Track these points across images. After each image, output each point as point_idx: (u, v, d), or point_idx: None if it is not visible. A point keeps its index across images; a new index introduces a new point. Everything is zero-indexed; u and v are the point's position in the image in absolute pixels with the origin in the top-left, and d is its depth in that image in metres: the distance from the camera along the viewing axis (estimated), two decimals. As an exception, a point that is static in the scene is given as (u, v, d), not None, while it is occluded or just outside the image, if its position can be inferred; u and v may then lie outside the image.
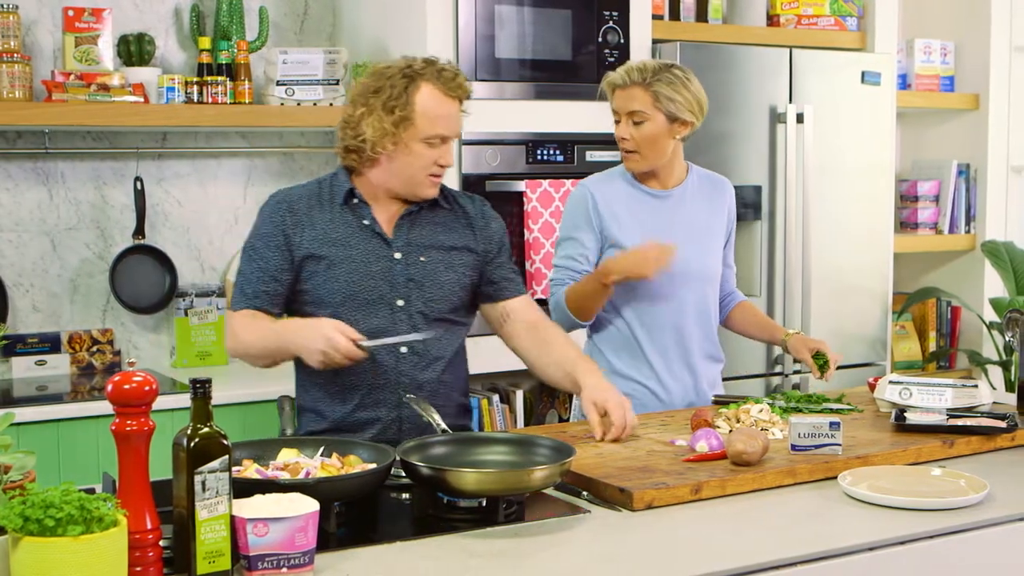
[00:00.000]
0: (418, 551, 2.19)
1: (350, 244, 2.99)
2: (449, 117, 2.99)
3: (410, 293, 3.01)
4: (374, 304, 2.98)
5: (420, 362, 3.02)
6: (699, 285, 3.46)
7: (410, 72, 2.97)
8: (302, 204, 3.02)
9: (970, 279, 5.76)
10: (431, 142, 2.97)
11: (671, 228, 3.42)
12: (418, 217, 3.07)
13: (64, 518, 1.80)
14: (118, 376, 1.96)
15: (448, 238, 3.09)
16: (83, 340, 4.33)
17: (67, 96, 4.02)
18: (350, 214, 3.02)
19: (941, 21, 5.84)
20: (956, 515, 2.42)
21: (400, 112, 2.93)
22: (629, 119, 3.36)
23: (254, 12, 4.56)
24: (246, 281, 3.00)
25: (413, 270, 3.01)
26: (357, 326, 2.89)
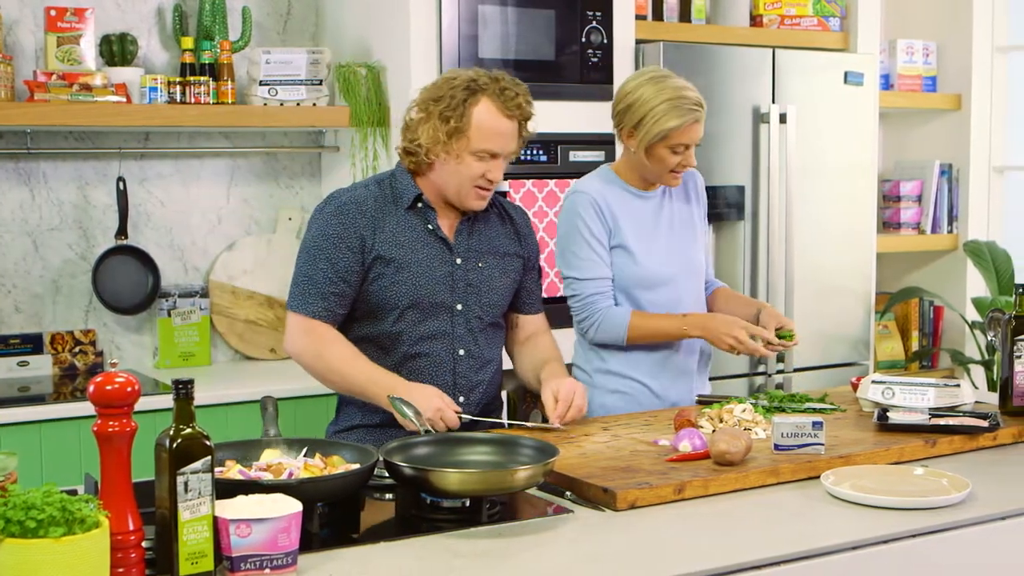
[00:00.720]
0: (401, 551, 2.19)
1: (416, 248, 3.06)
2: (502, 135, 3.04)
3: (468, 298, 3.11)
4: (436, 308, 3.07)
5: (475, 364, 3.13)
6: (691, 280, 3.51)
7: (473, 85, 3.03)
8: (369, 205, 3.07)
9: (952, 279, 5.78)
10: (480, 156, 3.02)
11: (660, 226, 3.47)
12: (476, 223, 3.16)
13: (46, 519, 1.79)
14: (100, 377, 1.96)
15: (502, 244, 3.20)
16: (65, 341, 4.31)
17: (49, 96, 4.00)
18: (416, 218, 3.09)
19: (923, 22, 5.85)
20: (938, 514, 2.43)
21: (455, 123, 3.00)
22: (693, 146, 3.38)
23: (237, 12, 4.55)
24: (313, 283, 3.03)
25: (472, 276, 3.12)
26: (417, 328, 3.04)
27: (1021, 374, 3.13)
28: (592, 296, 3.40)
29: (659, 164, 3.36)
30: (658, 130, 3.29)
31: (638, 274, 3.41)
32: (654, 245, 3.44)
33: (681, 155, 3.35)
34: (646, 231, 3.44)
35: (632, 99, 3.35)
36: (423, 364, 3.07)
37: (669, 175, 3.40)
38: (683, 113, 3.29)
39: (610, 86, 4.60)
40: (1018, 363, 3.13)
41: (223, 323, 4.57)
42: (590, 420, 3.23)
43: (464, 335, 3.11)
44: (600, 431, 3.03)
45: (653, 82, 3.34)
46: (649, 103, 3.31)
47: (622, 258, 3.41)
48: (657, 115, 3.29)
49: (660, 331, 3.39)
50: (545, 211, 4.43)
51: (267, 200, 4.69)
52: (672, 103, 3.29)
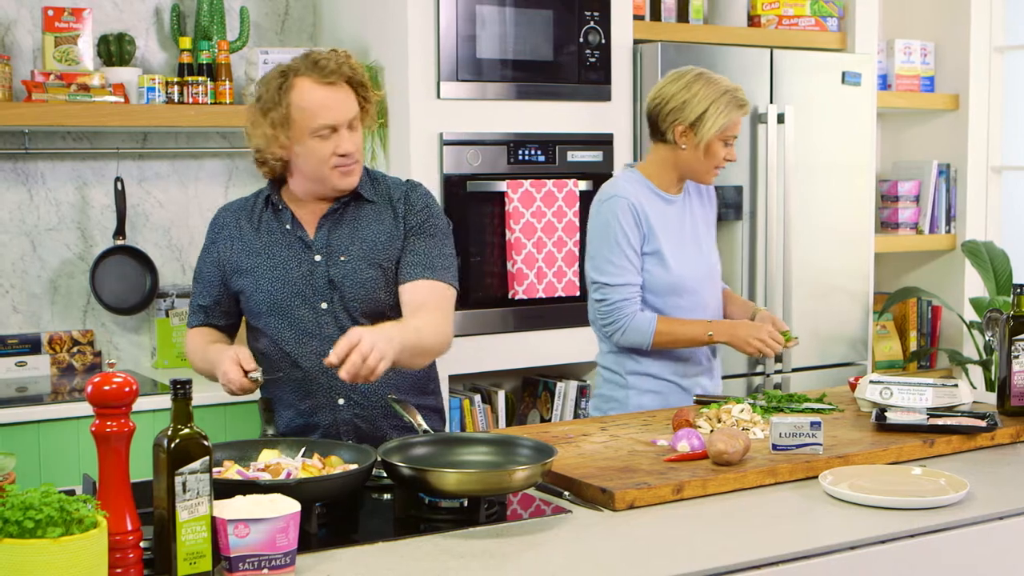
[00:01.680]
0: (399, 551, 2.19)
1: (272, 252, 2.99)
2: (328, 105, 2.89)
3: (332, 295, 2.96)
4: (297, 309, 2.96)
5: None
6: (713, 284, 3.58)
7: (286, 71, 2.92)
8: (230, 217, 3.08)
9: (950, 279, 5.78)
10: (320, 134, 2.90)
11: (685, 231, 3.51)
12: (342, 216, 3.01)
13: (44, 520, 1.79)
14: (98, 377, 1.96)
15: (371, 232, 2.99)
16: (63, 341, 4.31)
17: (47, 96, 4.00)
18: (273, 221, 3.03)
19: (921, 22, 5.86)
20: (936, 514, 2.43)
21: (276, 113, 2.89)
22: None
23: (235, 12, 4.55)
24: (192, 297, 3.12)
25: (334, 271, 2.96)
26: (284, 332, 2.95)
27: (1019, 374, 3.13)
28: (621, 302, 3.40)
29: (712, 159, 3.44)
30: (724, 121, 3.38)
31: (669, 280, 3.44)
32: (682, 250, 3.48)
33: (728, 148, 3.44)
34: (675, 236, 3.48)
35: (687, 96, 3.39)
36: (297, 372, 2.94)
37: (713, 171, 3.48)
38: (742, 103, 3.41)
39: (608, 86, 4.60)
40: (1016, 363, 3.13)
41: (221, 323, 4.57)
42: (588, 420, 3.23)
43: (335, 334, 2.83)
44: (598, 431, 3.03)
45: (703, 79, 3.43)
46: (710, 97, 3.38)
47: (655, 264, 3.43)
48: (721, 107, 3.38)
49: (686, 337, 3.43)
50: (543, 211, 4.42)
51: (265, 200, 4.69)
52: (731, 95, 3.40)
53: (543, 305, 4.46)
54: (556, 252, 4.47)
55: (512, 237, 4.38)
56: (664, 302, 3.45)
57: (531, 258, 4.41)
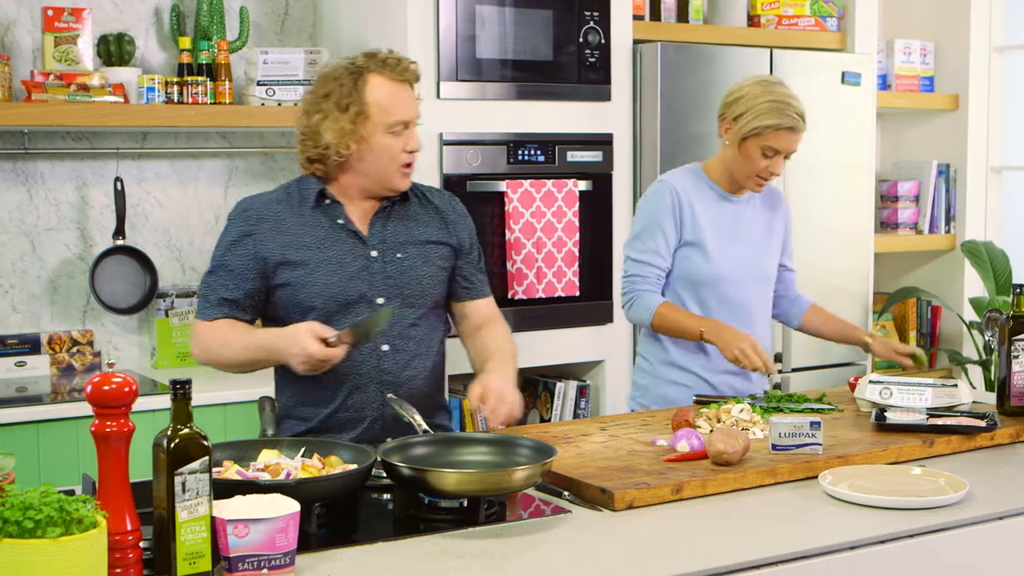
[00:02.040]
0: (399, 552, 2.19)
1: (325, 246, 2.98)
2: (404, 101, 2.98)
3: (389, 290, 2.99)
4: (355, 304, 2.96)
5: (400, 360, 3.01)
6: (762, 287, 3.63)
7: (355, 68, 2.97)
8: (270, 210, 3.00)
9: (950, 279, 5.78)
10: (393, 130, 2.96)
11: (740, 230, 3.57)
12: (391, 213, 3.06)
13: (43, 520, 1.79)
14: (97, 377, 1.96)
15: (423, 232, 3.07)
16: (63, 341, 4.31)
17: (47, 96, 4.00)
18: (323, 216, 3.01)
19: (921, 22, 5.86)
20: (936, 514, 2.43)
21: (355, 108, 2.93)
22: (784, 156, 3.47)
23: (234, 12, 4.55)
24: (211, 290, 2.99)
25: (391, 267, 3.00)
26: (339, 324, 2.90)
27: (1019, 374, 3.13)
28: (637, 277, 3.51)
29: (748, 162, 3.46)
30: (755, 125, 3.41)
31: (709, 272, 3.50)
32: (729, 247, 3.53)
33: (770, 160, 3.44)
34: (724, 231, 3.54)
35: (741, 93, 3.47)
36: (346, 364, 2.92)
37: (754, 179, 3.50)
38: (782, 116, 3.40)
39: (608, 86, 4.60)
40: (1015, 363, 3.13)
41: (221, 323, 4.56)
42: (587, 420, 3.23)
43: (387, 330, 2.94)
44: (598, 431, 3.03)
45: (764, 83, 3.48)
46: (755, 99, 3.43)
47: (695, 254, 3.50)
48: (758, 111, 3.41)
49: (680, 327, 3.46)
50: (543, 211, 4.43)
51: (265, 200, 4.69)
52: (775, 104, 3.41)
53: (542, 305, 4.46)
54: (556, 252, 4.47)
55: (512, 237, 4.38)
56: (702, 292, 3.51)
57: (531, 258, 4.41)
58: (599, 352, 4.61)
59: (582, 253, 4.54)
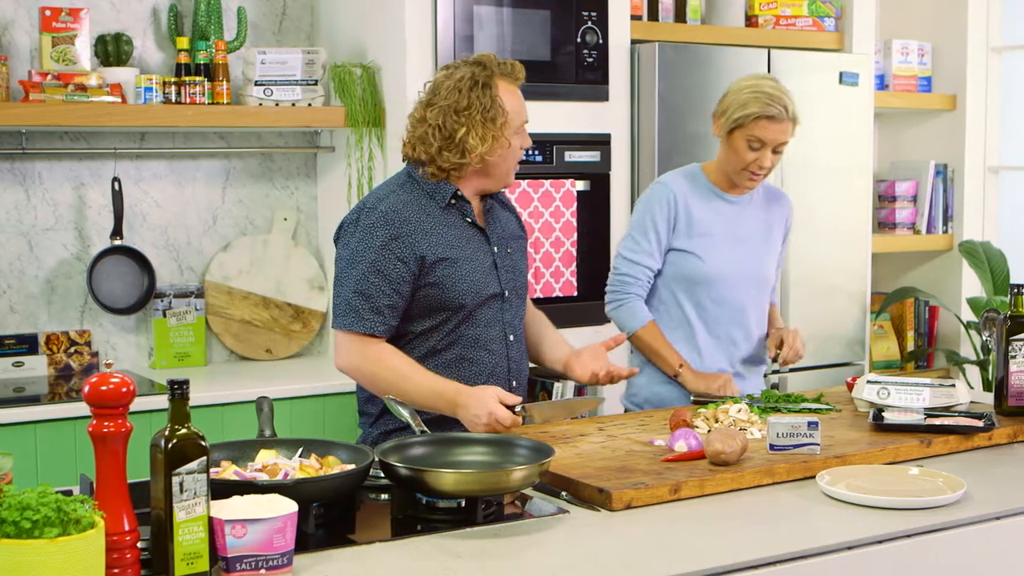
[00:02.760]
0: (397, 552, 2.19)
1: (462, 244, 3.08)
2: (523, 103, 3.15)
3: (510, 283, 3.17)
4: (490, 299, 3.10)
5: (520, 347, 3.20)
6: (758, 290, 3.61)
7: (481, 76, 3.07)
8: (411, 210, 3.05)
9: (948, 279, 5.78)
10: (519, 132, 3.12)
11: (738, 231, 3.57)
12: (493, 212, 3.21)
13: (41, 520, 1.79)
14: (95, 377, 1.96)
15: (514, 228, 3.29)
16: (61, 341, 4.31)
17: (44, 96, 4.00)
18: (454, 214, 3.10)
19: (918, 22, 5.86)
20: (934, 514, 2.43)
21: (500, 118, 3.05)
22: (772, 148, 3.45)
23: (232, 12, 4.55)
24: (366, 298, 2.99)
25: (507, 261, 3.18)
26: (475, 320, 3.07)
27: (1016, 374, 3.13)
28: (626, 276, 3.54)
29: (735, 156, 3.47)
30: (737, 115, 3.42)
31: (705, 272, 3.51)
32: (726, 248, 3.53)
33: (758, 152, 3.44)
34: (721, 233, 3.54)
35: (730, 88, 3.52)
36: (483, 355, 3.09)
37: (744, 174, 3.49)
38: (762, 105, 3.41)
39: (605, 86, 4.60)
40: (1013, 363, 3.13)
41: (218, 323, 4.57)
42: (585, 420, 3.23)
43: (511, 320, 3.16)
44: (595, 431, 3.03)
45: (753, 78, 3.51)
46: (739, 92, 3.46)
47: (692, 254, 3.51)
48: (740, 102, 3.43)
49: (657, 355, 3.52)
50: (541, 211, 4.43)
51: (262, 200, 4.69)
52: (756, 94, 3.42)
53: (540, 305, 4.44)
54: (554, 252, 4.47)
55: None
56: (698, 292, 3.52)
57: (528, 258, 4.40)
58: (597, 352, 4.61)
59: (580, 253, 4.54)
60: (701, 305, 3.53)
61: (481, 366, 3.09)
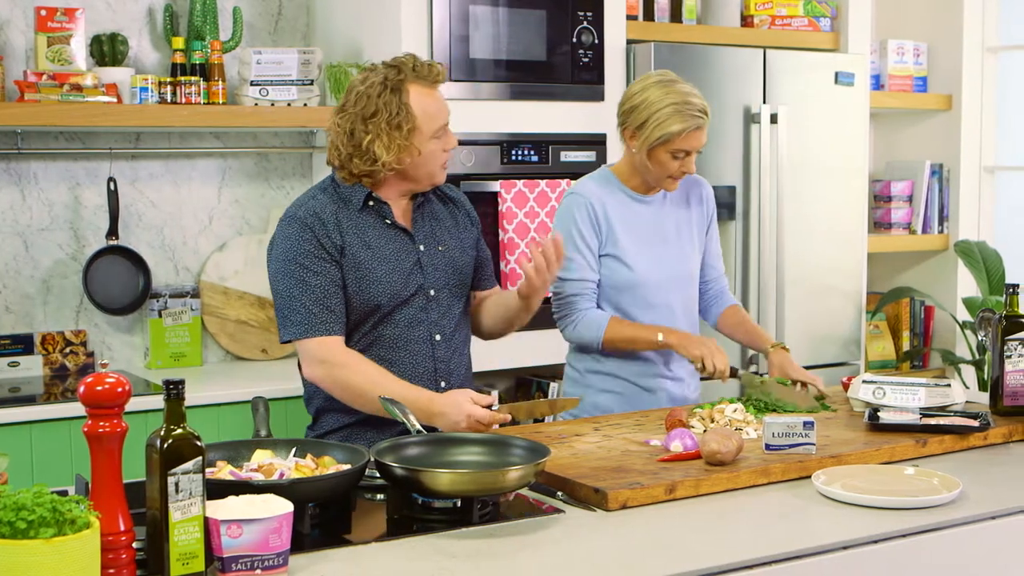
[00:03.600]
0: (393, 552, 2.19)
1: (381, 244, 3.06)
2: (441, 105, 3.10)
3: (438, 282, 3.12)
4: (413, 297, 3.07)
5: (450, 348, 3.14)
6: (684, 287, 3.52)
7: (391, 82, 3.01)
8: (328, 212, 3.03)
9: (943, 279, 5.79)
10: (438, 135, 3.06)
11: (657, 232, 3.47)
12: (425, 209, 3.17)
13: (36, 520, 1.79)
14: (90, 377, 1.95)
15: (453, 224, 3.22)
16: (56, 341, 4.31)
17: (39, 96, 3.99)
18: (372, 216, 3.08)
19: (914, 22, 5.86)
20: (929, 514, 2.43)
21: (407, 125, 2.99)
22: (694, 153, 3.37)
23: (228, 12, 4.54)
24: (311, 299, 2.98)
25: (436, 259, 3.13)
26: (395, 320, 3.03)
27: (1012, 374, 3.14)
28: (573, 296, 3.41)
29: (659, 168, 3.36)
30: (660, 134, 3.29)
31: (630, 279, 3.41)
32: (648, 250, 3.44)
33: (681, 160, 3.35)
34: (641, 236, 3.44)
35: (638, 100, 3.35)
36: (403, 355, 3.05)
37: (668, 180, 3.40)
38: (686, 119, 3.28)
39: (601, 86, 4.60)
40: (1008, 363, 3.13)
41: (214, 323, 4.56)
42: (581, 420, 3.24)
43: (438, 320, 3.11)
44: (591, 431, 3.03)
45: (660, 85, 3.34)
46: (654, 106, 3.31)
47: (615, 262, 3.41)
48: (660, 119, 3.29)
49: (636, 339, 3.39)
50: (536, 211, 4.43)
51: (258, 200, 4.69)
52: (676, 108, 3.29)
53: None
54: (549, 252, 4.46)
55: (505, 237, 4.38)
56: (624, 299, 3.42)
57: (524, 258, 4.40)
58: (593, 352, 4.61)
59: (576, 253, 4.53)
60: (627, 312, 3.42)
61: (402, 367, 3.04)
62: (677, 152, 3.32)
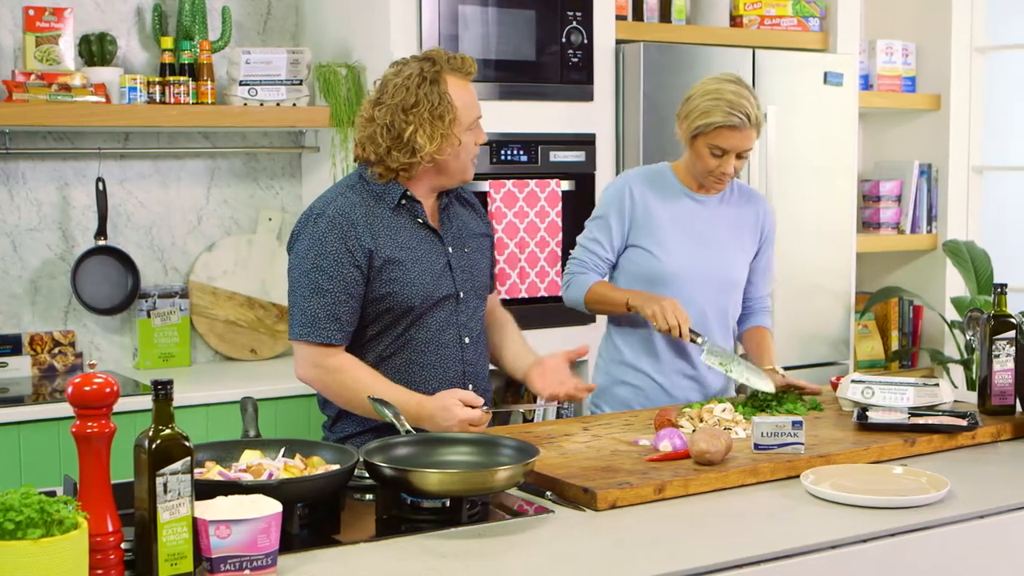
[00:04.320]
0: (381, 552, 2.19)
1: (413, 245, 3.04)
2: (475, 98, 3.09)
3: (466, 284, 3.12)
4: (444, 300, 3.06)
5: (477, 350, 3.15)
6: (719, 291, 3.53)
7: (430, 72, 3.01)
8: (359, 212, 3.00)
9: (932, 278, 5.80)
10: (471, 128, 3.06)
11: (703, 231, 3.51)
12: (449, 210, 3.16)
13: (24, 521, 1.78)
14: (79, 378, 1.95)
15: (474, 226, 3.22)
16: (44, 342, 4.30)
17: (28, 96, 3.99)
18: (404, 216, 3.06)
19: (903, 22, 5.87)
20: (917, 513, 2.43)
21: (449, 115, 2.99)
22: (735, 155, 3.40)
23: (217, 12, 4.54)
24: (321, 306, 2.96)
25: (463, 262, 3.13)
26: (427, 322, 3.03)
27: (999, 373, 3.14)
28: (577, 261, 3.54)
29: (699, 161, 3.43)
30: (698, 124, 3.37)
31: (662, 270, 3.45)
32: (688, 246, 3.47)
33: (720, 159, 3.38)
34: (684, 230, 3.48)
35: (692, 91, 3.44)
36: (434, 359, 3.06)
37: (710, 178, 3.46)
38: (723, 115, 3.33)
39: (590, 86, 4.61)
40: (997, 362, 3.14)
41: (203, 324, 4.56)
42: (570, 420, 3.24)
43: (467, 322, 3.12)
44: (580, 431, 3.03)
45: (716, 81, 3.42)
46: (700, 97, 3.39)
47: (644, 253, 3.47)
48: (701, 110, 3.37)
49: (609, 300, 3.45)
50: (526, 211, 4.43)
51: (247, 200, 4.68)
52: (718, 103, 3.34)
53: (525, 305, 4.46)
54: (539, 252, 4.47)
55: (494, 237, 4.38)
56: (652, 291, 3.44)
57: (513, 258, 4.41)
58: (582, 352, 4.61)
59: (565, 253, 4.53)
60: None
61: (433, 370, 3.05)
62: (714, 148, 3.37)
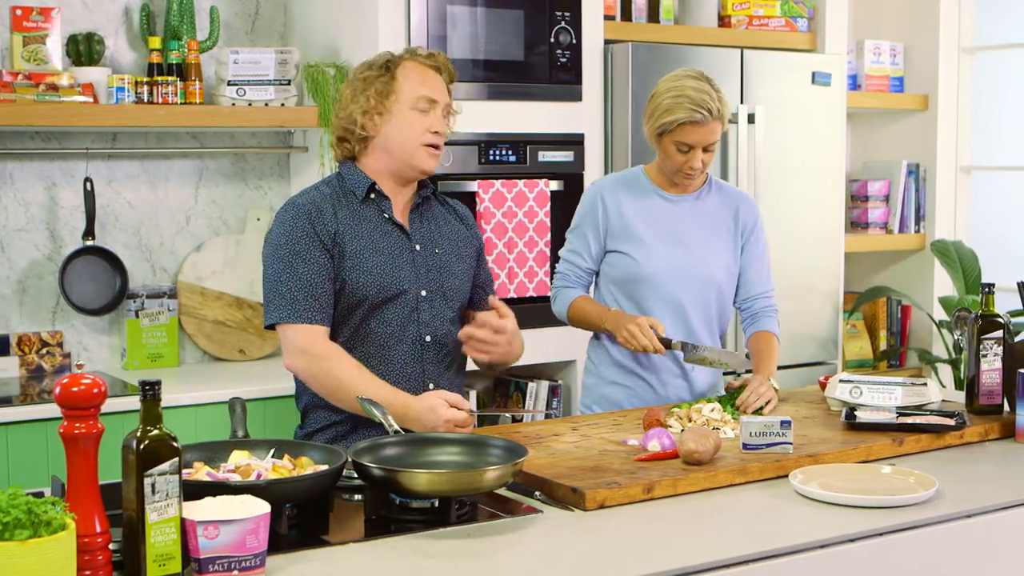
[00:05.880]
0: (370, 552, 2.19)
1: (376, 238, 3.06)
2: (431, 81, 3.10)
3: (431, 283, 3.11)
4: (402, 295, 3.06)
5: (440, 353, 3.13)
6: (699, 289, 3.51)
7: (391, 57, 3.11)
8: (327, 204, 3.05)
9: (920, 278, 5.81)
10: (418, 107, 3.05)
11: (679, 231, 3.51)
12: (425, 210, 3.18)
13: (11, 522, 1.78)
14: (66, 378, 1.95)
15: (451, 232, 3.22)
16: (32, 342, 4.29)
17: (15, 96, 3.97)
18: (371, 209, 3.09)
19: (890, 22, 5.88)
20: (905, 512, 2.44)
21: (383, 84, 3.05)
22: (702, 149, 3.40)
23: (205, 12, 4.53)
24: (299, 287, 2.98)
25: (431, 262, 3.13)
26: (385, 317, 3.04)
27: (987, 373, 3.15)
28: (559, 274, 3.59)
29: (667, 158, 3.44)
30: (662, 122, 3.37)
31: (640, 271, 3.46)
32: (665, 246, 3.47)
33: (686, 155, 3.39)
34: (660, 231, 3.48)
35: (656, 89, 3.45)
36: (392, 354, 3.06)
37: (680, 175, 3.46)
38: (686, 111, 3.33)
39: (579, 86, 4.61)
40: (984, 362, 3.15)
41: (191, 324, 4.55)
42: (559, 420, 3.24)
43: (429, 321, 3.10)
44: (569, 431, 3.04)
45: (675, 79, 3.43)
46: (660, 96, 3.40)
47: (623, 257, 3.48)
48: (663, 108, 3.37)
49: (587, 317, 3.50)
50: (514, 211, 4.43)
51: (235, 200, 4.68)
52: (679, 99, 3.35)
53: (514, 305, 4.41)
54: (527, 252, 4.47)
55: (483, 237, 4.38)
56: (640, 292, 3.46)
57: (502, 258, 4.41)
58: (571, 352, 4.61)
59: (554, 253, 4.53)
60: (643, 305, 3.46)
61: (391, 365, 3.05)
62: (681, 145, 3.38)
